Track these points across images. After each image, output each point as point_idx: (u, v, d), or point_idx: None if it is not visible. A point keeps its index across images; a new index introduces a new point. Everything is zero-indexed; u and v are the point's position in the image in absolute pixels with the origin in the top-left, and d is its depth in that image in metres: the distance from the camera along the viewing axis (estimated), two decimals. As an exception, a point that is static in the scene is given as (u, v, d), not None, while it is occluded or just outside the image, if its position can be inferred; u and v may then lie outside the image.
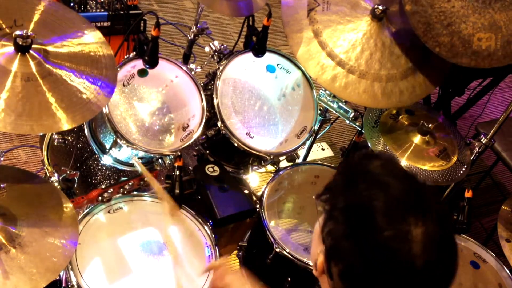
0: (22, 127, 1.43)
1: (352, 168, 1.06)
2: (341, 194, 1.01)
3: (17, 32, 1.49)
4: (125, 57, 1.99)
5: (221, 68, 2.14)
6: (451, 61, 1.89)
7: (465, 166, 2.16)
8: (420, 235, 0.93)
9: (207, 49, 2.27)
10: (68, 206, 1.64)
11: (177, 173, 1.85)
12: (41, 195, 1.66)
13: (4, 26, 1.54)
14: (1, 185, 1.59)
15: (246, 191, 2.19)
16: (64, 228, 1.58)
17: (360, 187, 0.99)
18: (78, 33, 1.66)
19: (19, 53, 1.50)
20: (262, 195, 2.13)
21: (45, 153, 2.15)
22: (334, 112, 2.39)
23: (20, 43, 1.49)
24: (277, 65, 2.30)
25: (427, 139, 2.17)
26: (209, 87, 2.14)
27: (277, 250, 2.00)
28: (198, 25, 2.35)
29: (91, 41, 1.67)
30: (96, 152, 2.01)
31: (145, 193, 1.95)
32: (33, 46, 1.52)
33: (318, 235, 1.04)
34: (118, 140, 1.87)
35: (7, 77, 1.46)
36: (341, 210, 0.99)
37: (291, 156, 2.30)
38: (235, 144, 2.08)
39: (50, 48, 1.58)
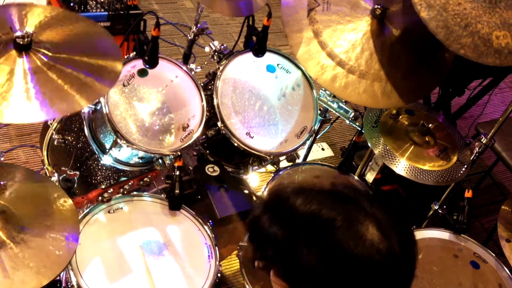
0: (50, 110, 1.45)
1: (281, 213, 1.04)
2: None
3: (17, 33, 1.50)
4: (125, 57, 1.99)
5: (221, 68, 2.14)
6: (477, 61, 1.84)
7: (465, 166, 2.16)
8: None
9: (207, 49, 2.27)
10: (67, 200, 1.66)
11: (177, 173, 1.86)
12: (40, 190, 1.68)
13: (1, 34, 1.55)
14: (1, 182, 1.60)
15: (246, 191, 2.19)
16: (65, 222, 1.61)
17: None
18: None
19: (23, 52, 1.51)
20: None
21: (45, 153, 2.15)
22: (334, 112, 2.39)
23: (21, 43, 1.50)
24: (277, 65, 2.30)
25: (427, 139, 2.17)
26: (209, 87, 2.14)
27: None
28: (198, 25, 2.35)
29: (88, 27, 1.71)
30: (96, 152, 2.01)
31: (145, 193, 1.95)
32: (33, 42, 1.53)
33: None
34: (118, 140, 1.88)
35: (19, 76, 1.48)
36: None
37: (291, 156, 2.30)
38: (235, 144, 2.08)
39: (50, 41, 1.58)
